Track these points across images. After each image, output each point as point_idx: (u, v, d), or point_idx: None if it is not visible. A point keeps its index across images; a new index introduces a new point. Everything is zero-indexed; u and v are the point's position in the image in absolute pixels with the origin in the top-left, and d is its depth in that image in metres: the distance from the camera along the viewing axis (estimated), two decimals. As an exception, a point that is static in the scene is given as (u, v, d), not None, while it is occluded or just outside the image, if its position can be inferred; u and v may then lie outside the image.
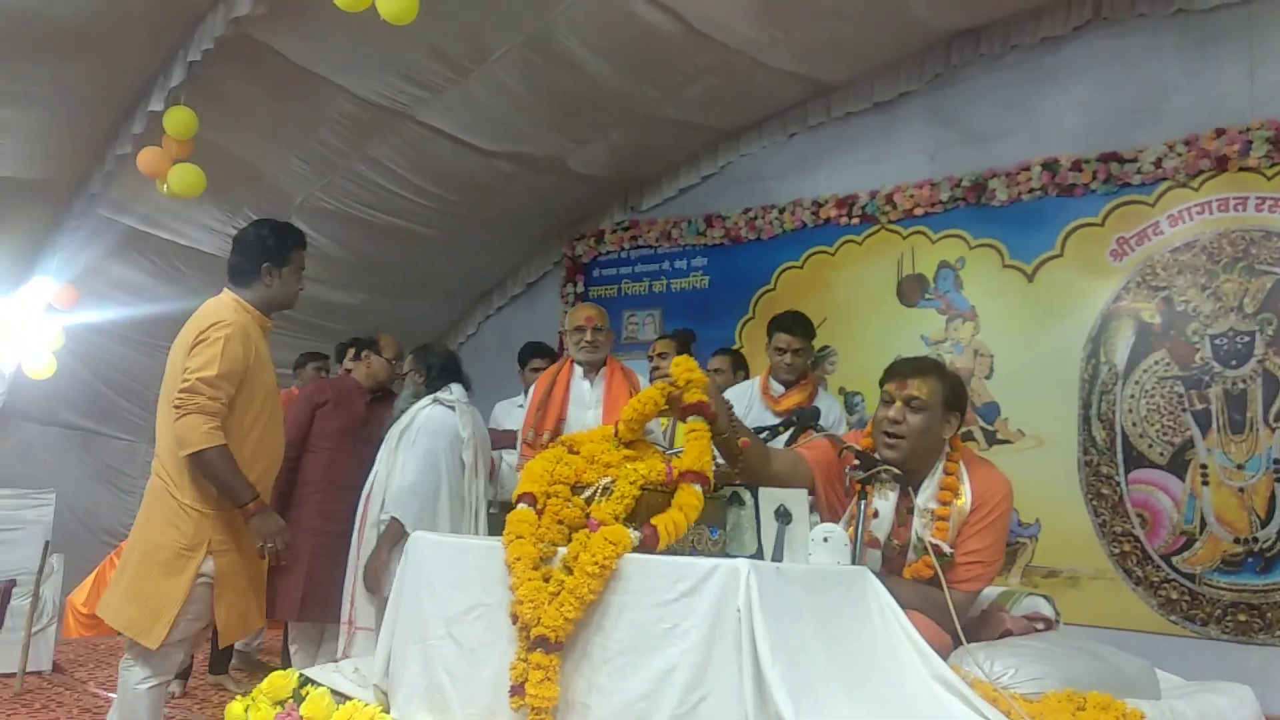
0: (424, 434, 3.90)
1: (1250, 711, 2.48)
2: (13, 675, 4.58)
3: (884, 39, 5.77)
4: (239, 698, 2.31)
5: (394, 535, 3.67)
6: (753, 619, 1.63)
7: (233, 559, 2.91)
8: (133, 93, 5.24)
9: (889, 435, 2.43)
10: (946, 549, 2.35)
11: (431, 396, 3.99)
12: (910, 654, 1.84)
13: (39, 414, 6.41)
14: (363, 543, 3.85)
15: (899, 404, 2.44)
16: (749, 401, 4.12)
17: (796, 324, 4.18)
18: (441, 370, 4.07)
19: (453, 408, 3.98)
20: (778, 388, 4.12)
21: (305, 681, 2.30)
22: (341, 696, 2.22)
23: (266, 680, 2.31)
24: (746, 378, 4.52)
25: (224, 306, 3.03)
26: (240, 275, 3.08)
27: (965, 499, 2.42)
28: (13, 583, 4.79)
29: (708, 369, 4.34)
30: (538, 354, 5.30)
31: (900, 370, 2.50)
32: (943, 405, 2.47)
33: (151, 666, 2.82)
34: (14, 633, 4.68)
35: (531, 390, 3.90)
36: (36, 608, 4.77)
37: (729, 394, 4.22)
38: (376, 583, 3.68)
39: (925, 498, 2.44)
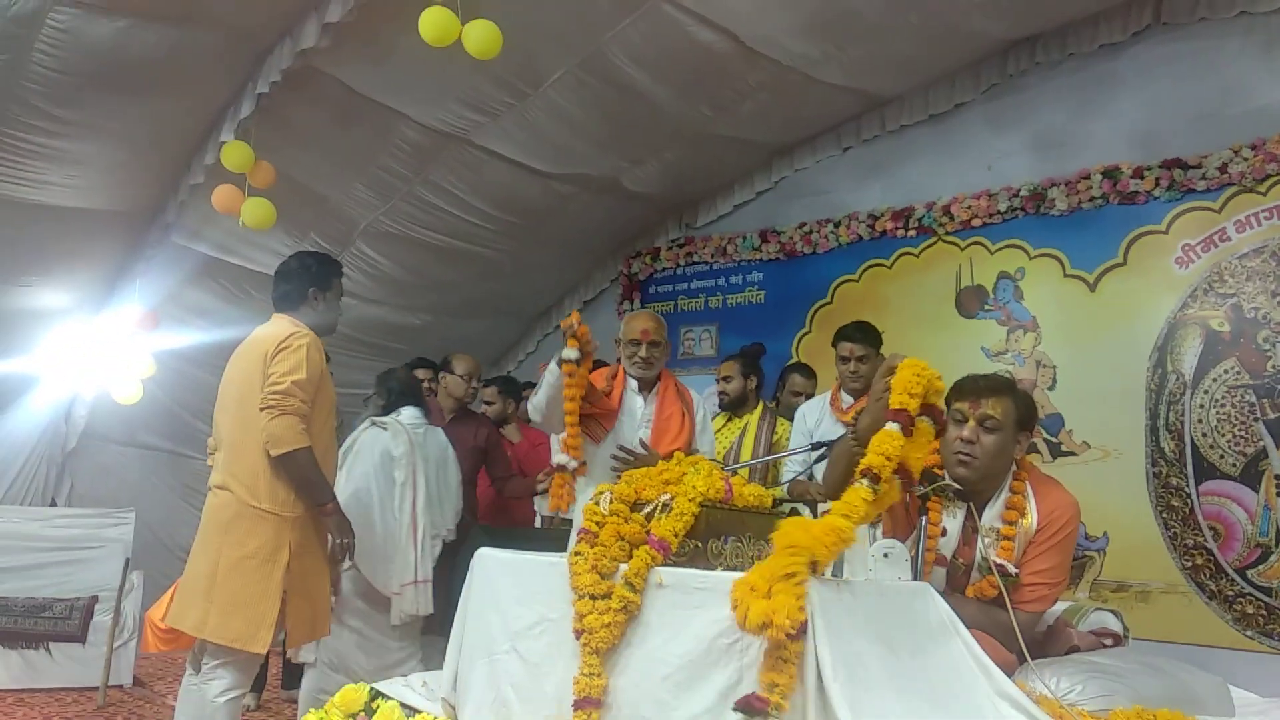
0: (359, 455, 4.08)
1: (1328, 729, 2.42)
2: (96, 689, 4.75)
3: (938, 51, 5.75)
4: (313, 710, 2.39)
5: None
6: (814, 633, 1.65)
7: (304, 563, 3.04)
8: (204, 125, 5.43)
9: (963, 455, 2.40)
10: (1012, 569, 2.34)
11: (370, 419, 4.13)
12: (973, 669, 1.85)
13: (119, 436, 6.65)
14: None
15: (973, 423, 2.42)
16: (819, 415, 4.08)
17: (859, 331, 4.11)
18: (400, 394, 4.22)
19: (386, 428, 4.10)
20: (846, 399, 4.03)
21: (376, 695, 2.37)
22: (411, 710, 2.28)
23: (339, 693, 2.38)
24: (759, 384, 4.45)
25: (289, 323, 3.16)
26: (288, 301, 3.25)
27: (1031, 518, 2.40)
28: (95, 599, 4.97)
29: (720, 377, 4.35)
30: None
31: (974, 389, 2.48)
32: (1015, 425, 2.46)
33: (237, 677, 2.92)
34: (97, 647, 4.85)
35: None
36: (118, 623, 4.93)
37: (803, 410, 4.22)
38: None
39: (991, 516, 2.42)
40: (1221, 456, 5.05)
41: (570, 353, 3.05)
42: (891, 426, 1.99)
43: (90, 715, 4.49)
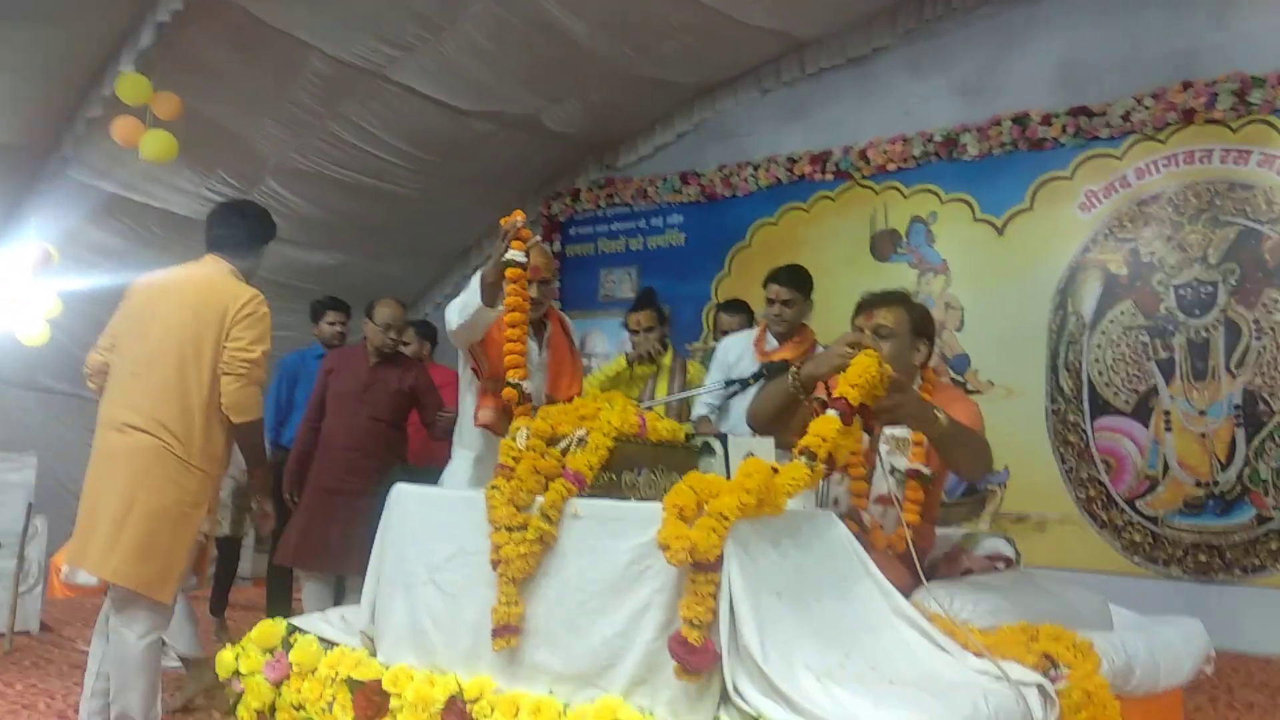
0: None
1: (1200, 644, 2.61)
2: (1, 635, 4.64)
3: (857, -7, 5.80)
4: (228, 645, 2.39)
5: None
6: (729, 562, 1.72)
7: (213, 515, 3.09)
8: (101, 55, 5.19)
9: None
10: (926, 471, 2.42)
11: None
12: (873, 591, 1.94)
13: (18, 379, 6.42)
14: None
15: (868, 334, 2.48)
16: (741, 352, 4.08)
17: (788, 274, 4.04)
18: None
19: None
20: (772, 341, 4.01)
21: (293, 630, 2.38)
22: (329, 643, 2.31)
23: (255, 629, 2.39)
24: (666, 332, 4.45)
25: (233, 275, 3.12)
26: (229, 245, 3.18)
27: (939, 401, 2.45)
28: (-4, 545, 4.84)
29: (642, 329, 4.35)
30: None
31: (868, 303, 2.58)
32: (911, 333, 2.53)
33: (156, 621, 2.90)
34: (1, 593, 4.74)
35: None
36: (21, 569, 4.82)
37: (726, 344, 4.23)
38: None
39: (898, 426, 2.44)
40: (1116, 394, 5.30)
41: (516, 255, 2.71)
42: (831, 412, 2.03)
43: (-3, 662, 4.40)
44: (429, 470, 3.85)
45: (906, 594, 2.06)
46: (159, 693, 2.91)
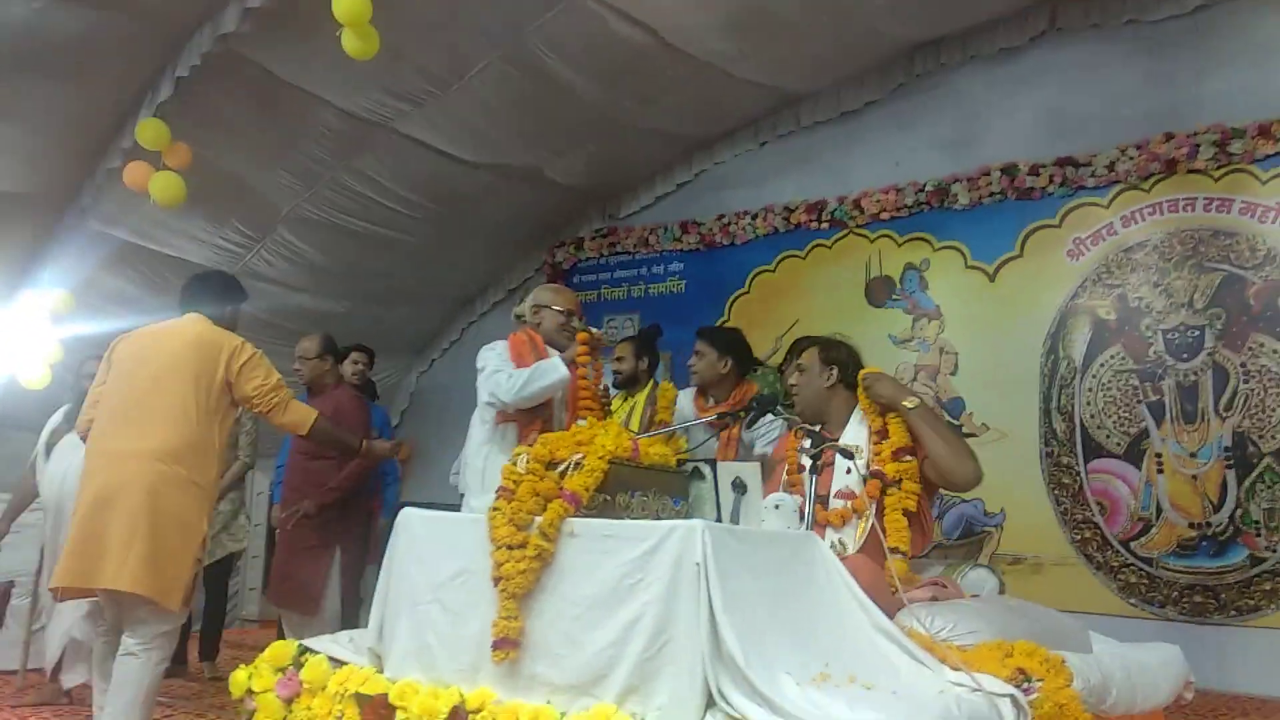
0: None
1: (1177, 669, 2.69)
2: (14, 673, 4.71)
3: (848, 51, 6.02)
4: (242, 666, 2.49)
5: None
6: (707, 573, 1.83)
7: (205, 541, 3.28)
8: (122, 108, 5.39)
9: (792, 395, 3.13)
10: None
11: None
12: (853, 607, 2.04)
13: (33, 423, 6.53)
14: None
15: (793, 372, 3.13)
16: (684, 404, 4.23)
17: (706, 329, 4.33)
18: None
19: None
20: (711, 401, 4.12)
21: (304, 650, 2.48)
22: (338, 662, 2.40)
23: (268, 649, 2.49)
24: (653, 365, 4.62)
25: (217, 327, 3.44)
26: (211, 305, 3.51)
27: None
28: (12, 583, 4.92)
29: (614, 358, 4.50)
30: None
31: (792, 351, 3.26)
32: (820, 363, 3.08)
33: (168, 647, 3.07)
34: (14, 631, 4.81)
35: (506, 353, 3.63)
36: (35, 608, 4.89)
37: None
38: None
39: (850, 436, 2.91)
40: (1108, 436, 5.40)
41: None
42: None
43: (9, 697, 4.46)
44: None
45: (889, 615, 2.16)
46: None
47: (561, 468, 2.17)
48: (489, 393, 3.44)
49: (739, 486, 2.18)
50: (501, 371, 3.41)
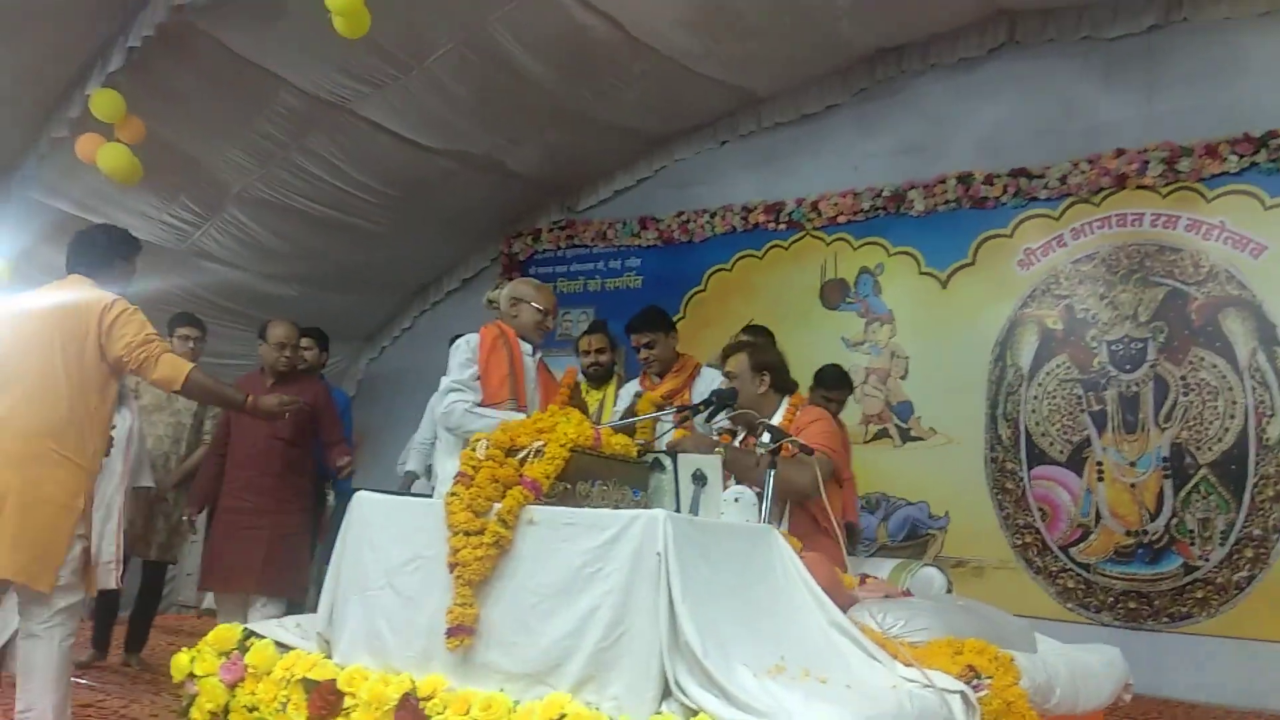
0: None
1: (1118, 671, 2.75)
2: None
3: (811, 54, 6.05)
4: (185, 649, 2.43)
5: None
6: (667, 561, 1.82)
7: (93, 517, 3.15)
8: (70, 77, 5.24)
9: None
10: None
11: None
12: (809, 601, 2.06)
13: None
14: None
15: (724, 379, 3.37)
16: (631, 397, 4.23)
17: (640, 320, 4.25)
18: None
19: None
20: (654, 379, 4.20)
21: (249, 634, 2.42)
22: (284, 647, 2.35)
23: (212, 632, 2.43)
24: (615, 359, 4.64)
25: (92, 287, 3.24)
26: (93, 266, 3.32)
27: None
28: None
29: (592, 349, 4.51)
30: None
31: (723, 355, 3.47)
32: (750, 370, 3.30)
33: (71, 623, 2.96)
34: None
35: (477, 350, 3.64)
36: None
37: (625, 388, 4.41)
38: None
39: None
40: (1051, 444, 5.51)
41: None
42: None
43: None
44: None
45: (844, 608, 2.18)
46: (69, 704, 2.95)
47: (522, 455, 2.15)
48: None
49: (699, 478, 2.18)
50: (455, 393, 3.40)
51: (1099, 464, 5.37)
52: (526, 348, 3.52)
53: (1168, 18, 5.40)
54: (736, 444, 3.17)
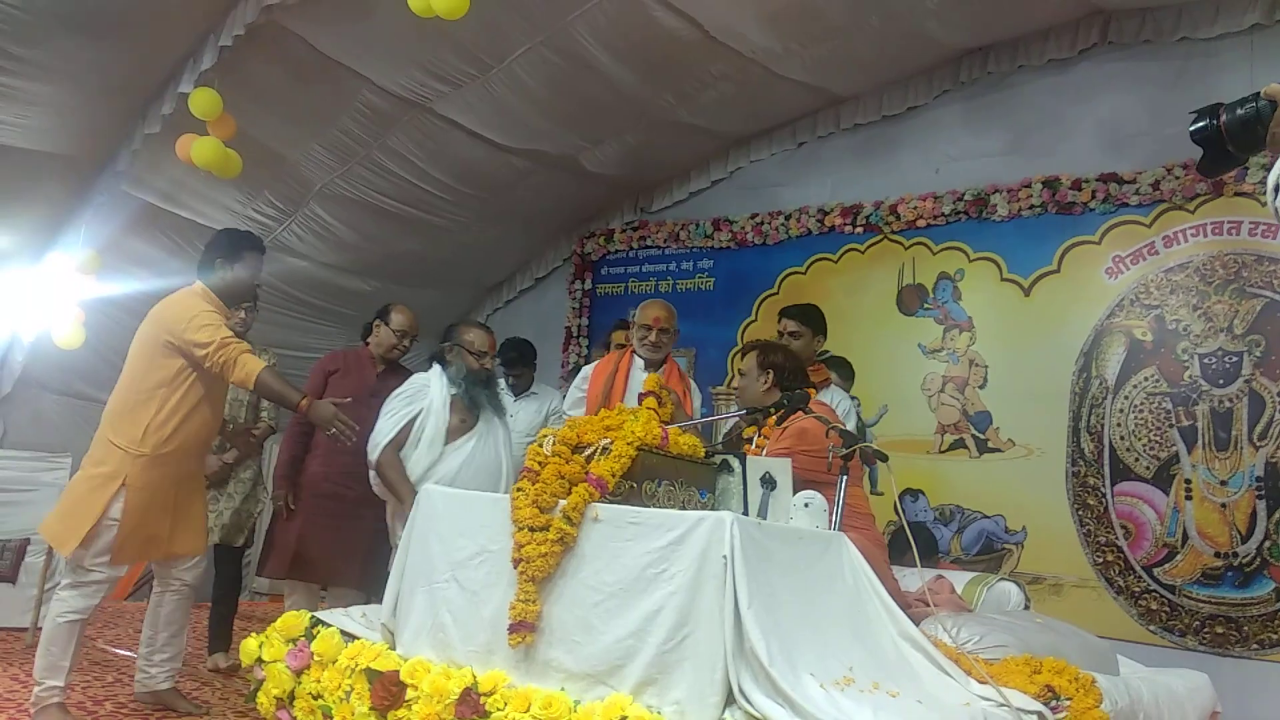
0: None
1: (1205, 697, 2.63)
2: (25, 629, 4.73)
3: (895, 54, 5.93)
4: (254, 634, 2.46)
5: None
6: (733, 566, 1.78)
7: (142, 498, 3.29)
8: (163, 74, 5.38)
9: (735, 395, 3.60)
10: None
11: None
12: (879, 612, 1.99)
13: (56, 384, 6.56)
14: None
15: (736, 375, 3.51)
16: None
17: (798, 309, 4.45)
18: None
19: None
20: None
21: (316, 622, 2.45)
22: (350, 636, 2.37)
23: (280, 619, 2.46)
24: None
25: (197, 296, 3.61)
26: (206, 269, 3.70)
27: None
28: (27, 541, 4.95)
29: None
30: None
31: (741, 352, 3.57)
32: (757, 367, 3.40)
33: (77, 603, 3.19)
34: (28, 589, 4.83)
35: (590, 376, 4.06)
36: (49, 566, 4.91)
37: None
38: None
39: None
40: (1137, 459, 5.30)
41: None
42: None
43: (18, 654, 4.47)
44: None
45: (916, 622, 2.10)
46: (64, 671, 3.13)
47: (588, 452, 2.13)
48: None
49: (768, 482, 2.13)
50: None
51: (1187, 481, 5.15)
52: (639, 363, 3.91)
53: (1271, 16, 5.15)
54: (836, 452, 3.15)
